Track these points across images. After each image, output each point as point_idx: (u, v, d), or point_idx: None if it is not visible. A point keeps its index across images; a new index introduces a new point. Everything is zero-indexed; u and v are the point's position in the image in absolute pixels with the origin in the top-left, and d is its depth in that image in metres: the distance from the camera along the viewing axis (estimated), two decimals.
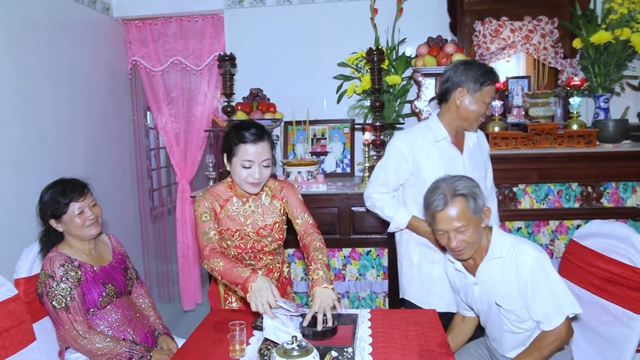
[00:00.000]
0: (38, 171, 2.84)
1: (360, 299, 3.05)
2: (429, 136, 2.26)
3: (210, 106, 3.96)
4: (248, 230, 2.10)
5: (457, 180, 1.89)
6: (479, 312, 2.09)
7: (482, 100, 2.14)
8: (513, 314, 1.91)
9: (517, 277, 1.86)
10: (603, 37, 2.85)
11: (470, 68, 2.14)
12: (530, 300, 1.85)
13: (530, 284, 1.84)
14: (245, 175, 1.96)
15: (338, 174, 3.57)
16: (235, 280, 1.81)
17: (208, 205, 2.04)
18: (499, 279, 1.91)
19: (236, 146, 1.95)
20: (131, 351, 2.07)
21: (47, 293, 2.00)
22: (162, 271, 4.43)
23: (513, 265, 1.87)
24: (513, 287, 1.87)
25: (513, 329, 1.94)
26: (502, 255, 1.90)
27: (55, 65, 3.12)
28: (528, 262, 1.84)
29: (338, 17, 3.64)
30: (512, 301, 1.89)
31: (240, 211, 2.10)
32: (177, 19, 3.90)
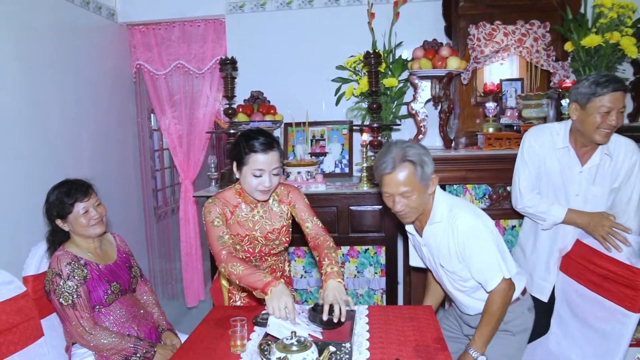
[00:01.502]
0: (45, 172, 2.89)
1: (359, 295, 3.11)
2: (556, 140, 2.32)
3: (212, 108, 4.02)
4: (257, 235, 2.14)
5: (408, 146, 1.93)
6: (432, 270, 2.22)
7: (596, 112, 2.13)
8: (455, 275, 2.05)
9: (455, 241, 1.98)
10: (594, 41, 2.88)
11: (582, 81, 2.18)
12: (468, 264, 1.98)
13: (466, 249, 1.96)
14: (255, 184, 2.00)
15: (337, 174, 3.61)
16: (255, 285, 1.84)
17: (219, 210, 2.07)
18: (440, 242, 2.03)
19: (247, 155, 1.98)
20: (136, 347, 2.10)
21: (54, 290, 2.04)
22: (166, 269, 4.48)
23: (450, 230, 1.98)
24: (452, 250, 2.00)
25: (460, 287, 2.10)
26: (441, 219, 2.00)
27: (62, 69, 3.18)
28: (463, 228, 1.95)
29: (336, 21, 3.69)
30: (452, 263, 2.02)
31: (249, 217, 2.14)
32: (180, 23, 3.96)
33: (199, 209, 4.23)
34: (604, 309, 2.08)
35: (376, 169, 1.96)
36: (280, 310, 1.76)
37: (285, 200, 2.22)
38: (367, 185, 2.99)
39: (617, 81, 2.13)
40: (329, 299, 1.83)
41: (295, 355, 1.49)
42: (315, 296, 3.13)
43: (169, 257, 4.50)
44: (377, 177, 1.99)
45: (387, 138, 3.46)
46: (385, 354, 1.76)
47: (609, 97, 2.10)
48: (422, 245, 2.14)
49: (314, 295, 3.14)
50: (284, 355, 1.49)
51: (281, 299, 1.77)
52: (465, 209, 2.00)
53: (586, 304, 2.16)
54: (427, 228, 2.06)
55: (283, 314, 1.76)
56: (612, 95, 2.11)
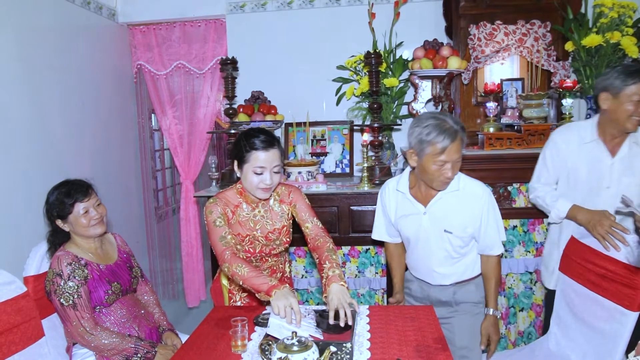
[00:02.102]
0: (46, 172, 2.89)
1: (359, 295, 3.11)
2: (584, 135, 2.36)
3: (213, 109, 4.02)
4: (257, 235, 2.15)
5: (450, 117, 2.04)
6: (416, 240, 2.26)
7: (629, 100, 2.17)
8: (460, 240, 2.18)
9: (473, 206, 2.15)
10: (594, 40, 2.88)
11: (611, 71, 2.21)
12: (484, 227, 2.16)
13: (485, 212, 2.15)
14: (257, 182, 2.01)
15: (337, 174, 3.61)
16: (259, 288, 1.85)
17: (221, 210, 2.08)
18: (453, 209, 2.15)
19: (248, 153, 1.99)
20: (136, 347, 2.11)
21: (55, 291, 2.05)
22: (166, 269, 4.48)
23: (469, 197, 2.15)
24: (467, 215, 2.15)
25: (452, 254, 2.22)
26: (459, 188, 2.14)
27: (63, 70, 3.18)
28: (483, 194, 2.15)
29: (337, 21, 3.69)
30: (463, 228, 2.16)
31: (250, 216, 2.15)
32: (181, 24, 3.96)
33: (200, 209, 4.24)
34: (603, 308, 2.08)
35: (432, 142, 1.98)
36: (286, 309, 1.76)
37: (286, 200, 2.22)
38: (367, 185, 2.99)
39: None
40: (334, 304, 1.82)
41: (296, 356, 1.49)
42: (317, 296, 3.14)
43: (170, 257, 4.50)
44: (429, 147, 2.00)
45: (388, 138, 3.47)
46: (386, 354, 1.76)
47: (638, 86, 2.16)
48: (422, 213, 2.18)
49: (314, 295, 3.14)
50: (285, 355, 1.49)
51: (287, 299, 1.78)
52: (472, 179, 2.20)
53: (585, 303, 2.17)
54: (441, 195, 2.14)
55: (288, 313, 1.76)
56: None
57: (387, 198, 2.32)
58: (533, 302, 2.96)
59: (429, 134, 1.98)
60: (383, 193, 2.35)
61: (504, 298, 2.96)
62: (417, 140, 2.02)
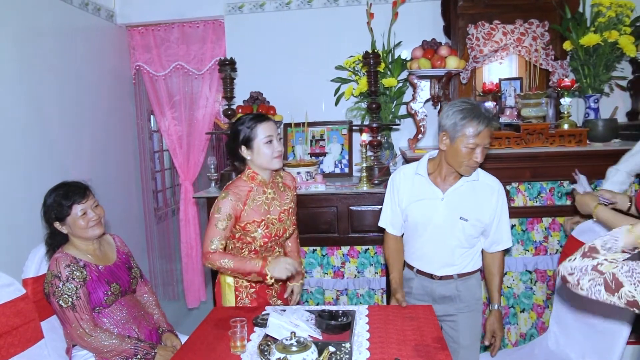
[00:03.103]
0: (45, 174, 2.89)
1: (359, 295, 3.11)
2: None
3: (212, 109, 4.02)
4: (271, 217, 2.22)
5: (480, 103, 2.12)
6: (426, 227, 2.23)
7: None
8: (474, 229, 2.19)
9: (490, 198, 2.19)
10: (592, 40, 2.89)
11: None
12: (496, 220, 2.21)
13: (499, 206, 2.20)
14: (270, 152, 2.15)
15: (336, 174, 3.62)
16: (251, 270, 2.06)
17: (230, 211, 2.11)
18: (472, 197, 2.18)
19: (255, 129, 2.14)
20: (136, 348, 2.11)
21: (53, 293, 2.05)
22: (166, 270, 4.49)
23: (486, 189, 2.19)
24: (485, 206, 2.18)
25: (464, 244, 2.22)
26: (478, 178, 2.18)
27: (61, 71, 3.18)
28: (498, 189, 2.20)
29: (335, 21, 3.69)
30: (478, 218, 2.18)
31: (263, 199, 2.21)
32: (179, 25, 3.96)
33: (199, 210, 4.24)
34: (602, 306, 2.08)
35: (466, 124, 2.01)
36: (288, 268, 2.03)
37: (290, 185, 2.39)
38: (366, 185, 2.99)
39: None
40: (295, 300, 2.40)
41: (294, 356, 1.49)
42: (316, 296, 3.14)
43: (170, 258, 4.50)
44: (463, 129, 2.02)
45: (387, 138, 3.47)
46: (385, 354, 1.76)
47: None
48: (440, 199, 2.18)
49: (314, 296, 3.14)
50: (284, 355, 1.49)
51: (280, 263, 2.04)
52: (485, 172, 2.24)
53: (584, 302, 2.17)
54: (462, 183, 2.17)
55: (292, 270, 2.04)
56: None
57: (399, 182, 2.28)
58: (534, 303, 2.96)
59: (464, 117, 2.01)
60: (395, 177, 2.31)
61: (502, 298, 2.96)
62: (452, 122, 2.04)
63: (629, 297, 1.35)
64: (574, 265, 1.51)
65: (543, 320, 2.95)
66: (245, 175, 2.23)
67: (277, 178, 2.33)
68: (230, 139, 2.24)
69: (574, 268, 1.50)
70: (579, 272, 1.48)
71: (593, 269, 1.45)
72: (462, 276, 2.26)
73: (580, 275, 1.48)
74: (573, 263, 1.51)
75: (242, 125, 2.17)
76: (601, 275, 1.42)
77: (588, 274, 1.46)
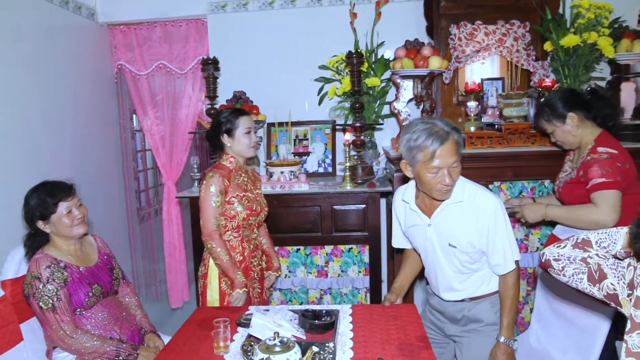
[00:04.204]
0: (24, 175, 2.84)
1: (343, 294, 3.12)
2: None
3: (195, 109, 4.00)
4: (250, 195, 2.51)
5: (440, 118, 1.96)
6: (425, 252, 2.15)
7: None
8: (467, 255, 2.02)
9: (477, 221, 1.96)
10: (572, 41, 2.93)
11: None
12: (491, 245, 1.97)
13: (492, 229, 1.95)
14: (248, 141, 2.47)
15: (320, 173, 3.62)
16: (231, 276, 2.38)
17: (220, 186, 2.38)
18: (457, 222, 1.99)
19: (237, 120, 2.45)
20: (118, 349, 2.10)
21: (33, 294, 2.02)
22: (149, 271, 4.45)
23: (474, 210, 1.96)
24: (472, 230, 1.97)
25: (462, 269, 2.06)
26: (462, 199, 1.97)
27: (41, 70, 3.14)
28: (489, 208, 1.95)
29: (318, 21, 3.69)
30: (469, 244, 1.99)
31: (242, 179, 2.51)
32: (162, 23, 3.93)
33: (182, 210, 4.22)
34: (583, 304, 2.12)
35: (420, 146, 1.86)
36: (238, 302, 2.36)
37: (258, 177, 2.74)
38: (350, 185, 3.00)
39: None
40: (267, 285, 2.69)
41: (278, 356, 1.50)
42: (300, 296, 3.14)
43: (153, 258, 4.47)
44: (420, 155, 1.87)
45: (370, 137, 3.48)
46: (369, 353, 1.77)
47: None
48: (427, 225, 2.06)
49: (298, 295, 3.14)
50: (267, 356, 1.49)
51: (242, 301, 2.38)
52: (485, 190, 2.02)
53: (565, 299, 2.20)
54: (443, 206, 2.00)
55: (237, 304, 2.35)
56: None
57: (396, 207, 2.24)
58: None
59: (417, 139, 1.85)
60: (394, 200, 2.25)
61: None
62: (407, 148, 1.90)
63: (610, 290, 1.37)
64: (563, 252, 1.54)
65: (522, 316, 2.98)
66: (224, 160, 2.51)
67: (248, 168, 2.64)
68: (213, 127, 2.51)
69: (562, 255, 1.53)
70: (566, 260, 1.52)
71: (582, 260, 1.48)
72: (474, 299, 2.11)
73: (566, 263, 1.51)
74: (562, 250, 1.54)
75: (225, 116, 2.47)
76: (586, 265, 1.45)
77: (574, 263, 1.49)
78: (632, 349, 1.26)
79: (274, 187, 3.04)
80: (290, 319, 1.93)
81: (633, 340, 1.26)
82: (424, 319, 2.32)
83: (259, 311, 1.92)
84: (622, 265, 1.36)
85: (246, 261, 2.50)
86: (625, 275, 1.34)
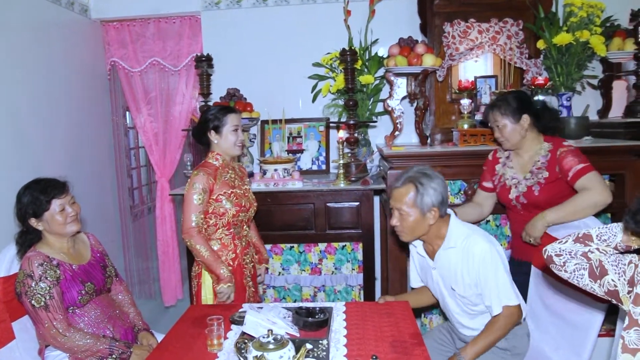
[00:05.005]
0: (16, 172, 2.82)
1: (336, 292, 3.12)
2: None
3: (189, 106, 3.98)
4: (238, 191, 2.50)
5: (425, 173, 2.06)
6: (436, 293, 2.23)
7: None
8: (466, 299, 2.06)
9: (469, 266, 2.02)
10: (564, 39, 2.94)
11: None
12: (481, 288, 2.02)
13: (481, 274, 2.00)
14: (234, 140, 2.46)
15: (314, 171, 3.62)
16: (215, 271, 2.35)
17: (204, 184, 2.36)
18: (454, 267, 2.07)
19: (225, 117, 2.44)
20: (111, 348, 2.08)
21: (25, 292, 2.01)
22: (142, 268, 4.44)
23: (465, 255, 2.03)
24: (465, 275, 2.04)
25: (468, 311, 2.11)
26: (456, 245, 2.06)
27: (34, 67, 3.12)
28: (479, 253, 2.00)
29: (312, 18, 3.69)
30: (466, 287, 2.04)
31: (229, 176, 2.50)
32: (155, 20, 3.92)
33: (176, 207, 4.21)
34: (574, 300, 2.13)
35: (390, 184, 2.16)
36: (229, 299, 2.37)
37: (245, 172, 2.72)
38: (343, 182, 3.00)
39: None
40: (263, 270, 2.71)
41: (272, 354, 1.50)
42: (294, 293, 3.15)
43: (146, 256, 4.46)
44: (388, 192, 2.15)
45: (364, 135, 3.49)
46: (363, 350, 1.78)
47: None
48: (432, 268, 2.16)
49: (292, 292, 3.15)
50: (261, 353, 1.49)
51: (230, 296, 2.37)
52: (482, 235, 2.07)
53: (557, 296, 2.21)
54: (441, 252, 2.10)
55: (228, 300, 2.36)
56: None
57: (411, 248, 2.32)
58: None
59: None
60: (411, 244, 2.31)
61: None
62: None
63: (611, 286, 1.39)
64: (564, 247, 1.55)
65: None
66: (210, 157, 2.50)
67: (234, 164, 2.62)
68: (200, 123, 2.51)
69: (563, 250, 1.54)
70: (567, 255, 1.53)
71: (582, 255, 1.49)
72: None
73: (567, 258, 1.52)
74: (563, 245, 1.56)
75: (213, 113, 2.46)
76: (588, 261, 1.46)
77: (576, 258, 1.50)
78: (629, 345, 1.27)
79: (267, 185, 3.04)
80: (284, 316, 1.93)
81: (630, 337, 1.27)
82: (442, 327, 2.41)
83: (253, 309, 1.92)
84: (624, 262, 1.38)
85: (239, 258, 2.49)
86: (626, 272, 1.36)
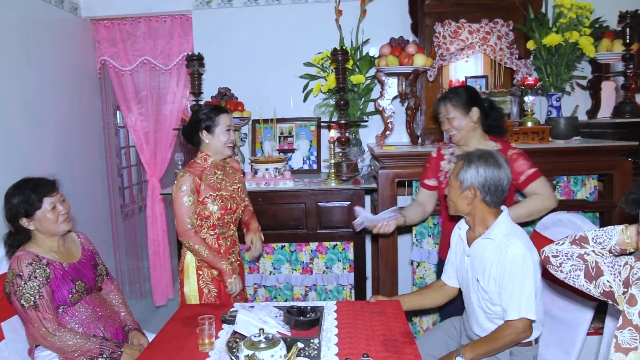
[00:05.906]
0: (5, 171, 2.80)
1: (327, 291, 3.13)
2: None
3: (180, 105, 3.97)
4: (224, 194, 2.45)
5: (482, 154, 2.03)
6: (462, 281, 2.17)
7: None
8: (486, 294, 2.00)
9: (499, 263, 1.95)
10: (554, 40, 2.96)
11: None
12: (502, 288, 1.94)
13: (507, 274, 1.92)
14: (226, 139, 2.42)
15: (305, 170, 3.63)
16: (219, 268, 2.37)
17: (190, 184, 2.34)
18: (486, 258, 2.00)
19: (217, 117, 2.40)
20: (102, 347, 2.07)
21: (15, 292, 1.99)
22: (133, 268, 4.43)
23: (500, 252, 1.95)
24: (493, 269, 1.96)
25: (484, 307, 2.04)
26: (495, 238, 1.98)
27: (23, 65, 3.10)
28: (512, 254, 1.92)
29: (304, 18, 3.69)
30: (490, 281, 1.98)
31: (215, 178, 2.45)
32: (146, 19, 3.90)
33: (167, 207, 4.20)
34: (564, 298, 2.15)
35: None
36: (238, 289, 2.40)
37: (237, 167, 2.66)
38: (335, 182, 3.01)
39: None
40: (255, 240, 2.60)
41: (263, 352, 1.50)
42: (285, 292, 3.15)
43: (137, 255, 4.44)
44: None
45: (355, 134, 3.50)
46: (354, 349, 1.78)
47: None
48: (467, 255, 2.11)
49: (283, 292, 3.15)
50: (252, 352, 1.49)
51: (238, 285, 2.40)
52: (523, 239, 1.99)
53: (548, 295, 2.23)
54: (479, 241, 2.04)
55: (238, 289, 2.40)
56: None
57: (453, 235, 2.28)
58: None
59: None
60: (453, 233, 2.29)
61: None
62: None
63: (606, 287, 1.41)
64: (561, 248, 1.58)
65: None
66: (199, 157, 2.47)
67: (225, 164, 2.57)
68: (192, 122, 2.46)
69: (560, 251, 1.57)
70: (564, 256, 1.56)
71: (579, 256, 1.51)
72: None
73: (564, 259, 1.55)
74: (560, 247, 1.59)
75: (205, 112, 2.42)
76: (584, 263, 1.48)
77: (572, 260, 1.53)
78: (622, 344, 1.29)
79: (258, 184, 3.04)
80: (275, 315, 1.94)
81: (624, 337, 1.29)
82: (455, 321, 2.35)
83: (244, 308, 1.92)
84: (619, 264, 1.39)
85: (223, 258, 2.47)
86: (621, 273, 1.37)
